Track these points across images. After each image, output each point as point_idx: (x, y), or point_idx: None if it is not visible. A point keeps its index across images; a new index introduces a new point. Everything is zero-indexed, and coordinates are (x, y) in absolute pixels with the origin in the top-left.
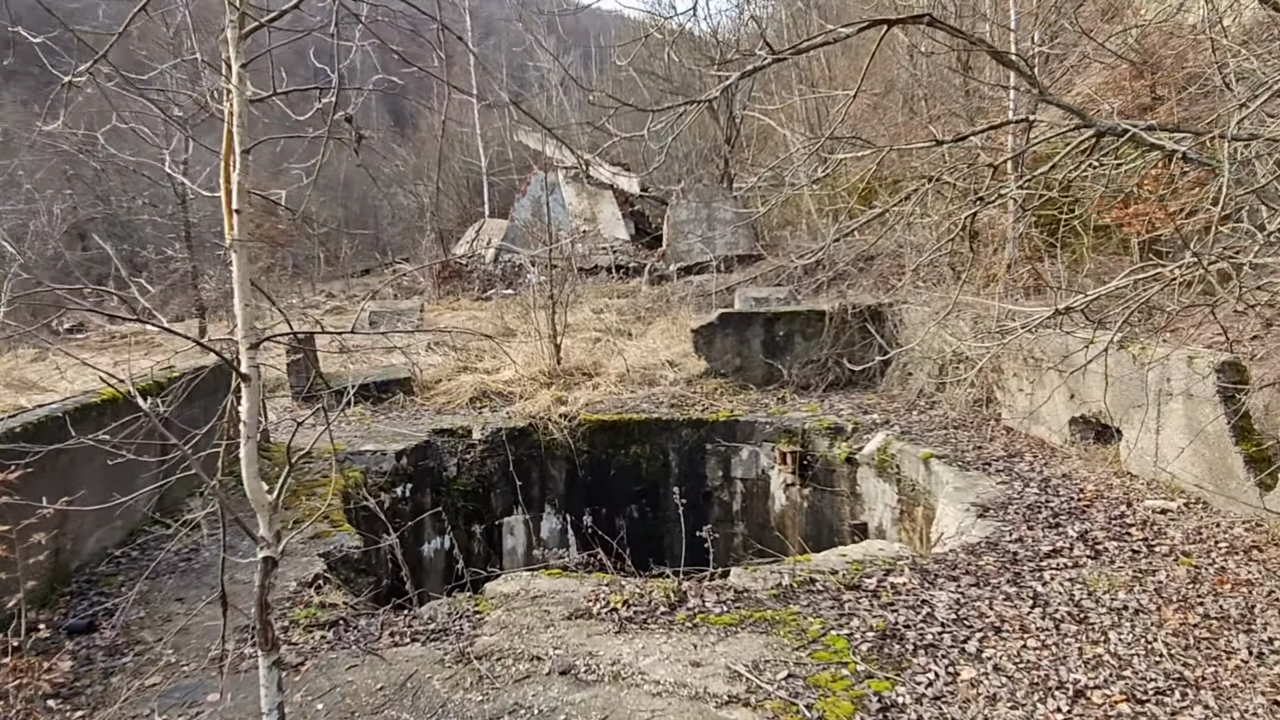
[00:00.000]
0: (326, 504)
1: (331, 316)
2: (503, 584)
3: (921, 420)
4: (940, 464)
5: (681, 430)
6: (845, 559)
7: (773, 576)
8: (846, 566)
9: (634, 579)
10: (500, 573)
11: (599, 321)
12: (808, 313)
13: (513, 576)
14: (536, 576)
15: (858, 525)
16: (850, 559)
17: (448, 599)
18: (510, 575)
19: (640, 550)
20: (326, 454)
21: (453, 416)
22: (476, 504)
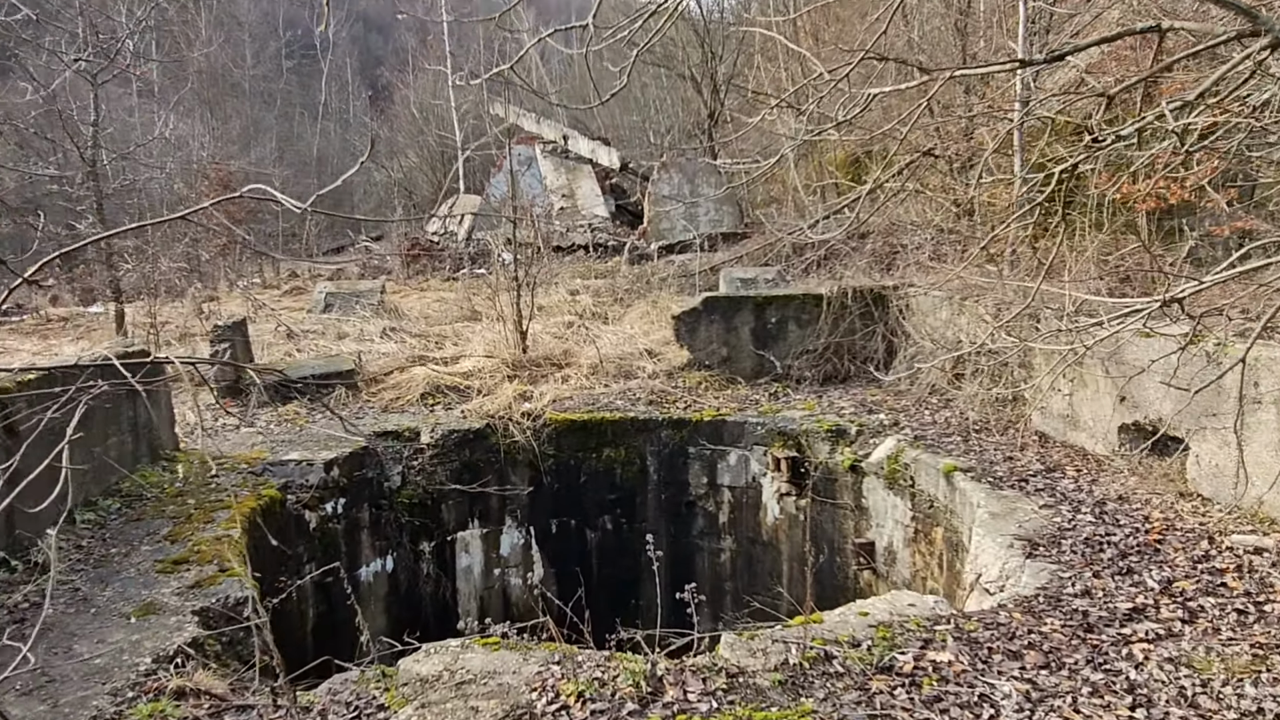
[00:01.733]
0: (221, 535)
1: (290, 298)
2: (423, 661)
3: (936, 422)
4: (966, 479)
5: (661, 431)
6: (867, 620)
7: (775, 649)
8: (870, 633)
9: (594, 654)
10: (416, 645)
11: (574, 304)
12: (802, 297)
13: (437, 650)
14: (468, 650)
15: (863, 545)
16: (874, 620)
17: (351, 677)
18: (434, 649)
19: (615, 567)
20: (246, 463)
21: (399, 416)
22: (425, 518)
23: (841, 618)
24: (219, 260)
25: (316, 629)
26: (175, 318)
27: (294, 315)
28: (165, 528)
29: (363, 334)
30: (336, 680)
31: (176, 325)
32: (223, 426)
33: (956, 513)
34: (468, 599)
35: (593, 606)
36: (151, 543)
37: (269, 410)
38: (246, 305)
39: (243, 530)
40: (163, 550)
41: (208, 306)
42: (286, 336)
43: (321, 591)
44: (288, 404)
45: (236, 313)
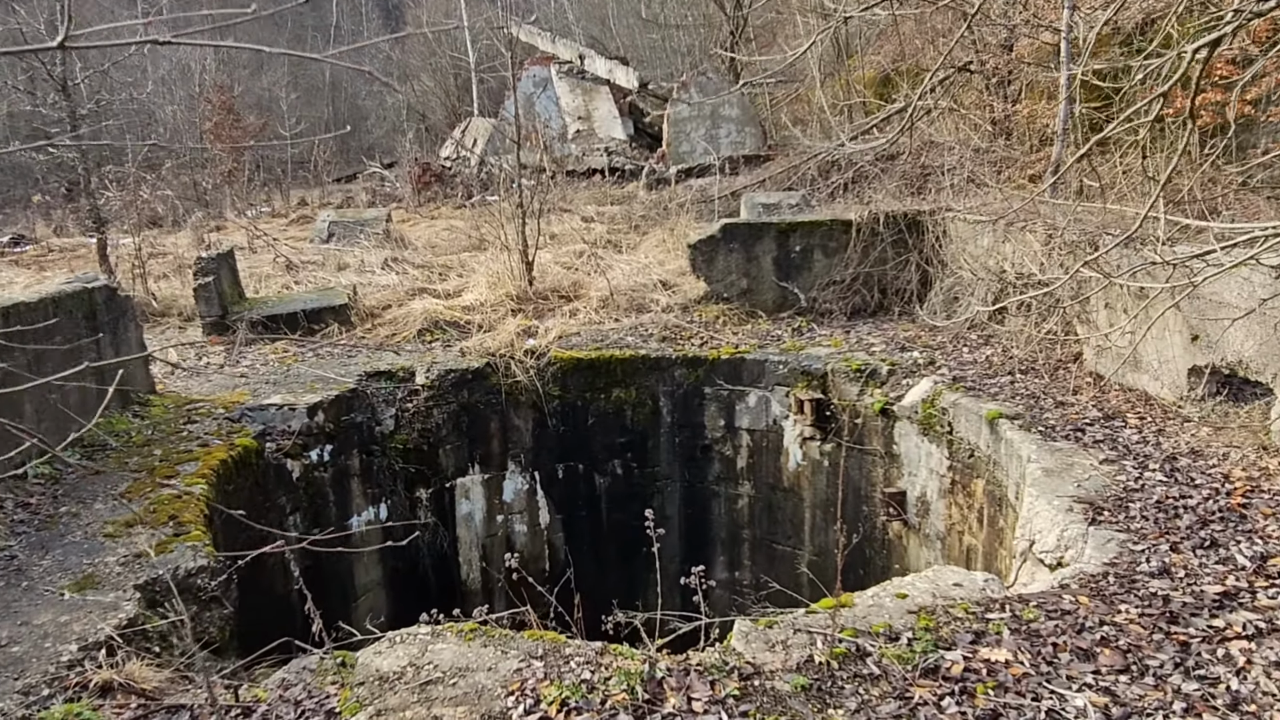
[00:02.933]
0: (183, 493)
1: (296, 227)
2: (385, 653)
3: (976, 361)
4: (1014, 428)
5: (675, 370)
6: (906, 605)
7: (798, 641)
8: (910, 621)
9: (584, 647)
10: (374, 635)
11: (587, 232)
12: (830, 223)
13: (403, 639)
14: (439, 639)
15: (894, 494)
16: (913, 604)
17: (309, 664)
18: (400, 638)
19: (625, 513)
20: (224, 407)
21: (394, 355)
22: (421, 464)
23: (875, 600)
24: (224, 188)
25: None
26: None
27: (298, 245)
28: (125, 483)
29: (363, 265)
30: (292, 669)
31: (175, 257)
32: (206, 366)
33: (1001, 465)
34: (469, 547)
35: (601, 554)
36: (106, 500)
37: (256, 348)
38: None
39: (209, 485)
40: (117, 509)
41: (210, 236)
42: (285, 268)
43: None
44: (276, 341)
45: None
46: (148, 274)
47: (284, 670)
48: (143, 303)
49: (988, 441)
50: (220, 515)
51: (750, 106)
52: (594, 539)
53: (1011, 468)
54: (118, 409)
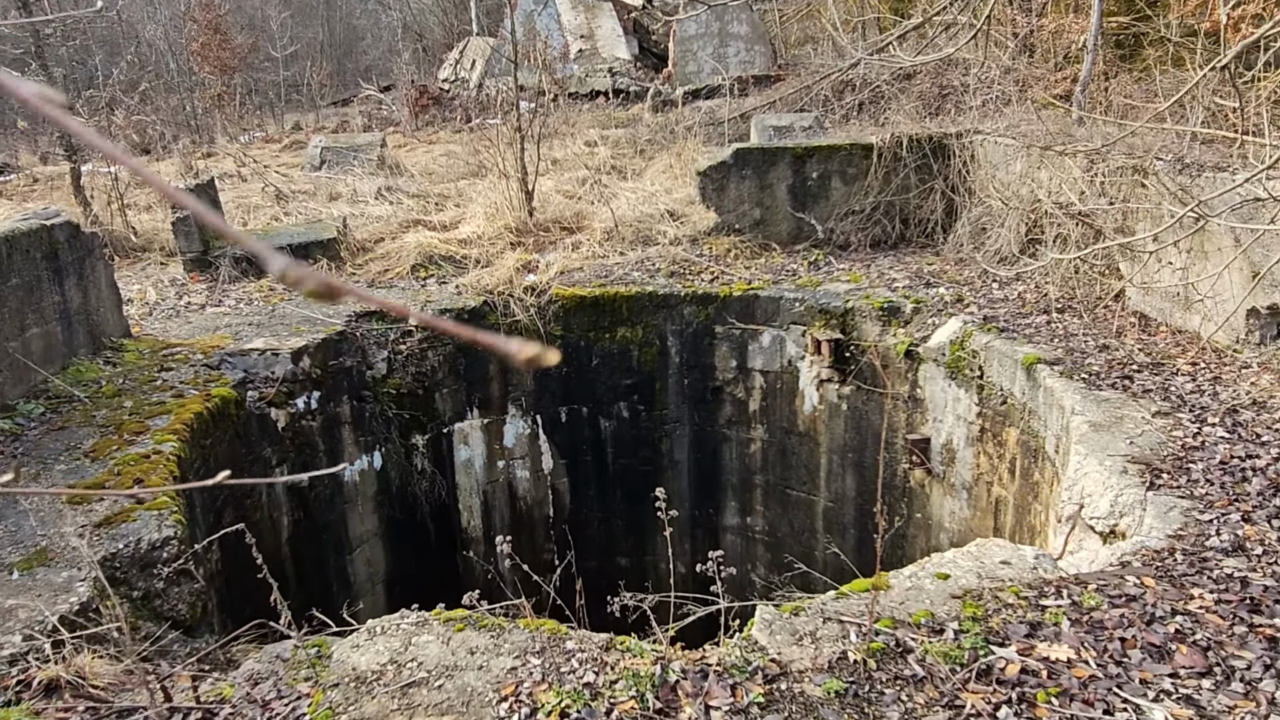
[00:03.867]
0: (151, 452)
1: (289, 153)
2: (364, 647)
3: (1007, 298)
4: (1053, 374)
5: (684, 308)
6: (948, 587)
7: (828, 633)
8: (955, 608)
9: (587, 640)
10: (353, 626)
11: (591, 157)
12: (849, 148)
13: (384, 630)
14: (424, 630)
15: (917, 441)
16: (956, 586)
17: (283, 653)
18: (380, 628)
19: (632, 458)
20: (203, 352)
21: (386, 292)
22: (416, 410)
23: (914, 582)
24: (215, 113)
25: (293, 539)
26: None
27: (290, 173)
28: (90, 439)
29: (356, 194)
30: (265, 658)
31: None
32: (186, 306)
33: (1038, 414)
34: (469, 494)
35: (607, 499)
36: (69, 460)
37: (241, 286)
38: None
39: (181, 442)
40: (79, 471)
41: (199, 163)
42: (275, 198)
43: (296, 496)
44: (263, 277)
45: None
46: (126, 206)
47: (255, 659)
48: (121, 237)
49: (1023, 388)
50: (196, 473)
51: (760, 23)
52: (599, 484)
53: (1051, 418)
54: (88, 355)
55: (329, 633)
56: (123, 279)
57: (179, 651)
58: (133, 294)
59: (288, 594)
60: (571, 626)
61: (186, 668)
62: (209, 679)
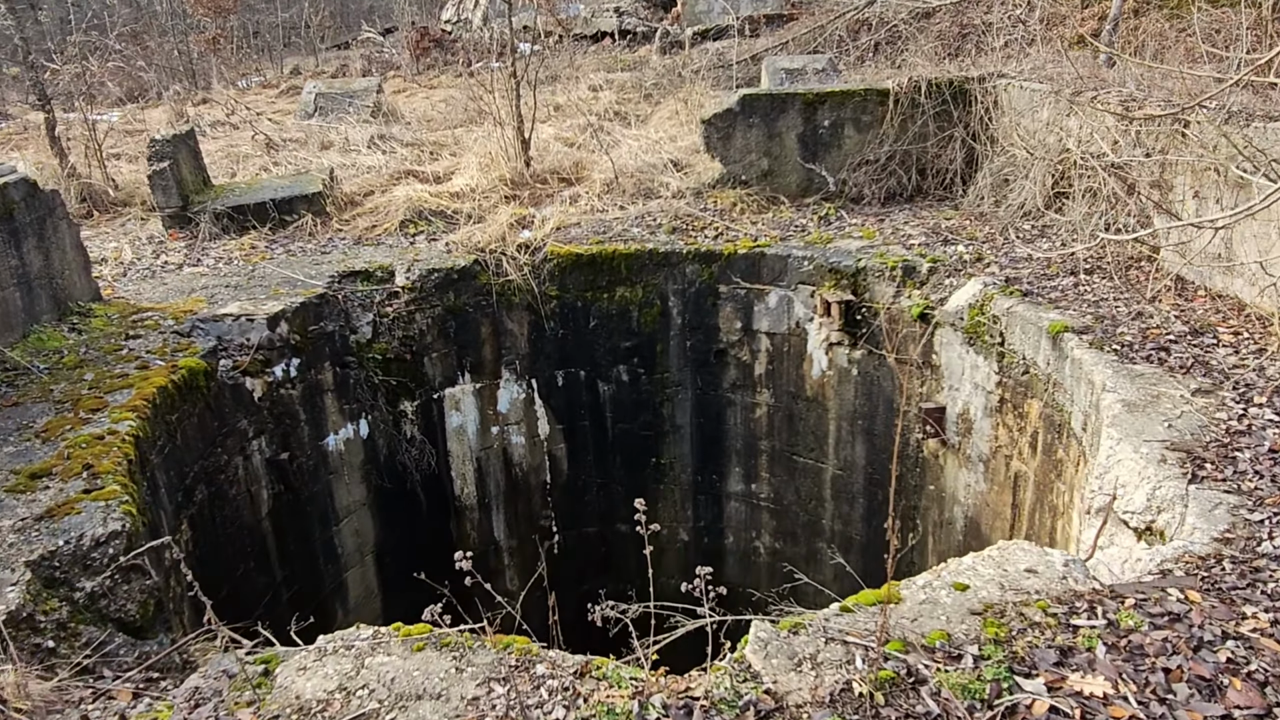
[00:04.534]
0: (108, 432)
1: (285, 99)
2: (309, 670)
3: (1031, 258)
4: (1082, 345)
5: (686, 266)
6: (967, 602)
7: (831, 657)
8: (974, 627)
9: (560, 661)
10: (302, 648)
11: (595, 102)
12: (863, 94)
13: (335, 649)
14: (379, 648)
15: (931, 410)
16: (976, 600)
17: (229, 668)
18: (331, 646)
19: (632, 422)
20: (175, 317)
21: (373, 250)
22: (404, 376)
23: (929, 595)
24: (210, 57)
25: (274, 513)
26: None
27: (283, 120)
28: (45, 417)
29: (348, 143)
30: (210, 674)
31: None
32: (163, 266)
33: (1064, 387)
34: (461, 461)
35: (606, 466)
36: (19, 441)
37: (222, 243)
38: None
39: (141, 420)
40: (28, 454)
41: (192, 110)
42: (265, 147)
43: (275, 469)
44: (245, 234)
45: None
46: (105, 157)
47: (200, 675)
48: (100, 190)
49: (1048, 358)
50: (161, 452)
51: None
52: (598, 450)
53: (1079, 392)
54: (52, 322)
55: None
56: (100, 236)
57: (126, 657)
58: (108, 252)
59: (270, 570)
60: (544, 646)
61: (129, 681)
62: (148, 697)
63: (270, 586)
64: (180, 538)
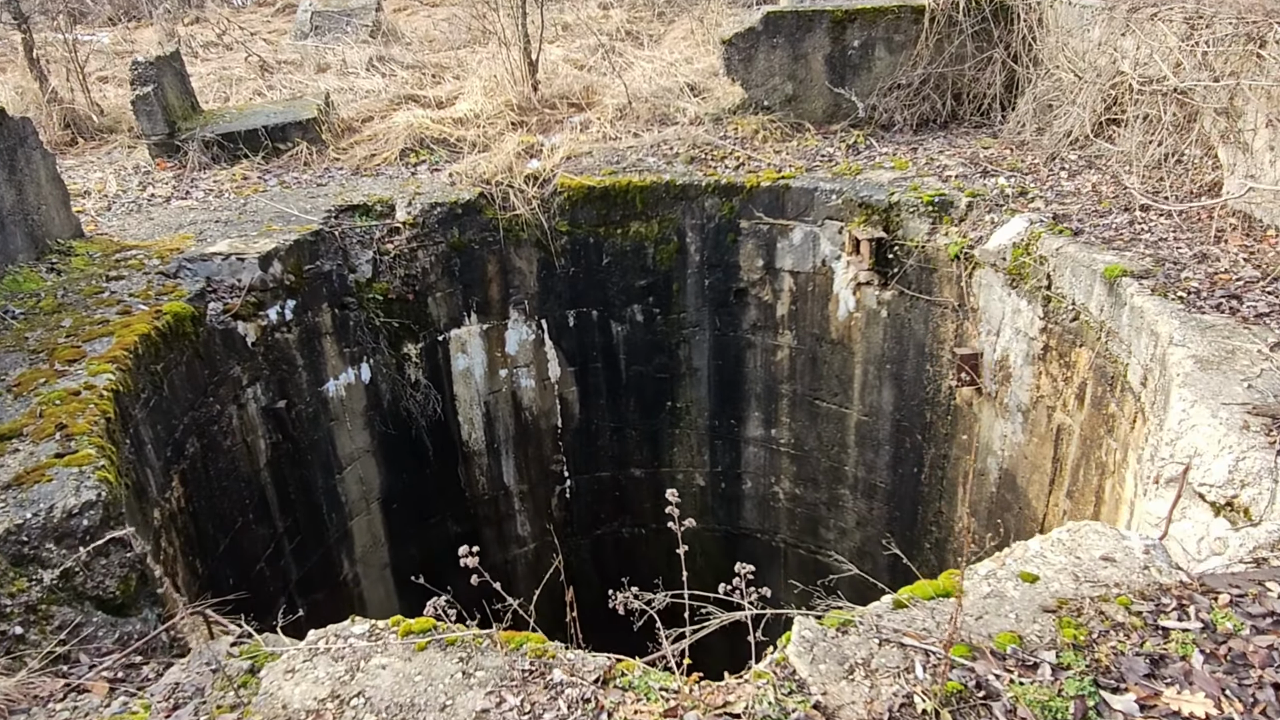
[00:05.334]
0: (84, 387)
1: (282, 17)
2: (298, 672)
3: (1079, 191)
4: (1142, 291)
5: (705, 199)
6: (1037, 595)
7: (885, 661)
8: (1048, 628)
9: (580, 663)
10: (288, 648)
11: (606, 20)
12: (896, 10)
13: (326, 648)
14: (378, 648)
15: (967, 356)
16: (1048, 595)
17: (209, 662)
18: (323, 645)
19: (647, 364)
20: (160, 256)
21: (371, 182)
22: (406, 317)
23: (993, 585)
24: None
25: (273, 463)
26: (141, 46)
27: (279, 40)
28: (18, 369)
29: (346, 65)
30: (193, 666)
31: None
32: (150, 199)
33: (1120, 337)
34: (468, 406)
35: (620, 409)
36: None
37: (212, 174)
38: (215, 28)
39: (120, 372)
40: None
41: (184, 30)
42: (259, 70)
43: (273, 418)
44: (236, 164)
45: (213, 39)
46: (93, 80)
47: (181, 667)
48: (84, 116)
49: (1102, 304)
50: (145, 406)
51: None
52: (611, 393)
53: (1138, 344)
54: (29, 262)
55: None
56: (85, 165)
57: (106, 639)
58: (92, 184)
59: (271, 521)
60: (563, 645)
61: (108, 670)
62: (125, 693)
63: (272, 538)
64: (171, 495)
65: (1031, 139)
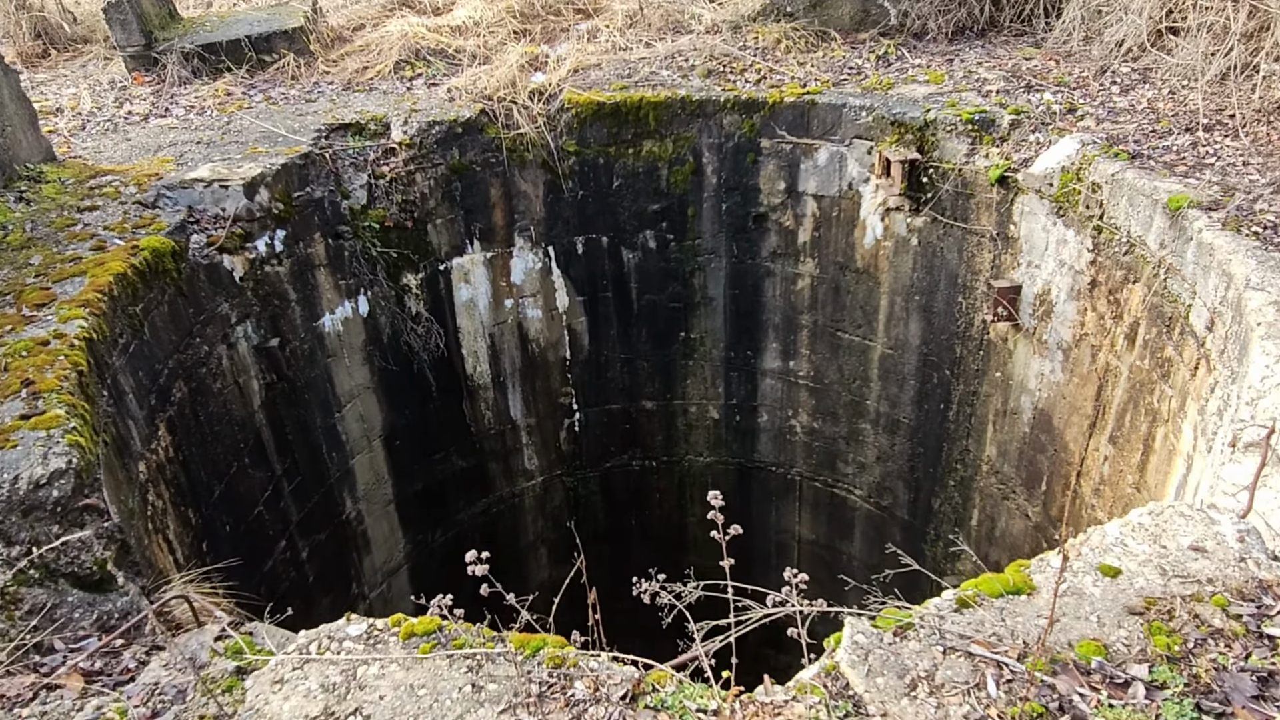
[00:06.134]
0: (53, 336)
1: None
2: (287, 684)
3: (1134, 109)
4: (1211, 225)
5: (723, 117)
6: (1120, 592)
7: (951, 673)
8: (1135, 634)
9: (606, 674)
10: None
11: None
12: None
13: (320, 651)
14: (375, 653)
15: (1006, 289)
16: (1133, 592)
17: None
18: (314, 654)
19: (660, 293)
20: (138, 182)
21: (364, 98)
22: (405, 246)
23: (1070, 583)
24: None
25: (268, 404)
26: None
27: None
28: None
29: None
30: (172, 668)
31: None
32: (126, 117)
33: (1182, 275)
34: (472, 338)
35: (631, 340)
36: None
37: (194, 89)
38: None
39: (95, 317)
40: None
41: None
42: None
43: (265, 357)
44: (219, 78)
45: None
46: None
47: (162, 663)
48: (55, 25)
49: (1162, 238)
50: (124, 353)
51: None
52: (622, 323)
53: (1205, 285)
54: None
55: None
56: (57, 81)
57: (84, 621)
58: (65, 101)
59: (268, 464)
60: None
61: (86, 658)
62: (102, 692)
63: (270, 481)
64: (157, 445)
65: (1079, 49)
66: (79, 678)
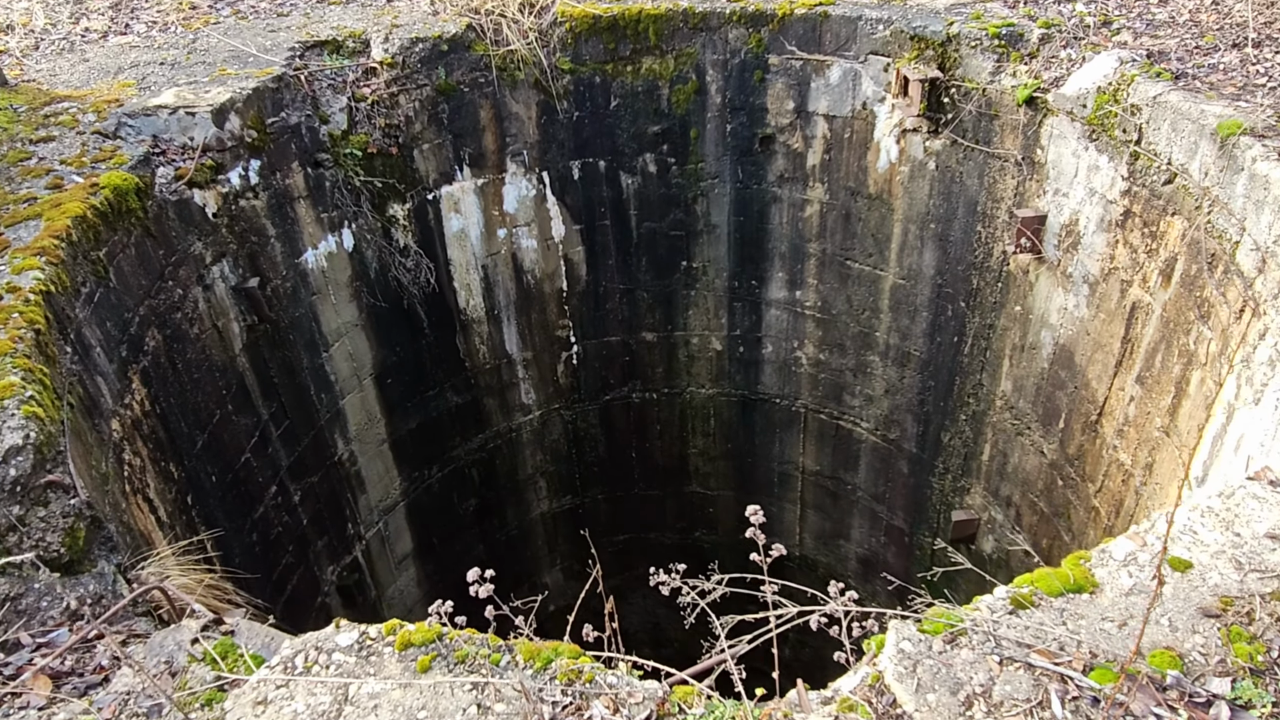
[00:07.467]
0: (9, 289)
1: None
2: (270, 705)
3: (1175, 21)
4: (1266, 154)
5: (729, 31)
6: (1193, 587)
7: (1011, 688)
8: (1212, 638)
9: (627, 691)
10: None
11: None
12: None
13: (307, 665)
14: (368, 669)
15: (1030, 218)
16: (1206, 589)
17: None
18: (302, 659)
19: (660, 220)
20: (97, 110)
21: (341, 10)
22: (390, 174)
23: (1137, 579)
24: None
25: (250, 347)
26: None
27: None
28: None
29: None
30: (146, 671)
31: None
32: (84, 34)
33: (1230, 209)
34: (464, 271)
35: (630, 269)
36: None
37: (156, 2)
38: None
39: (53, 266)
40: None
41: None
42: None
43: (245, 298)
44: None
45: None
46: None
47: (135, 667)
48: None
49: (1208, 167)
50: (88, 302)
51: None
52: (620, 252)
53: (1256, 221)
54: None
55: None
56: None
57: (53, 610)
58: (15, 17)
59: (253, 409)
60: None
61: (55, 657)
62: (70, 695)
63: (256, 426)
64: (131, 399)
65: None
66: (46, 681)
